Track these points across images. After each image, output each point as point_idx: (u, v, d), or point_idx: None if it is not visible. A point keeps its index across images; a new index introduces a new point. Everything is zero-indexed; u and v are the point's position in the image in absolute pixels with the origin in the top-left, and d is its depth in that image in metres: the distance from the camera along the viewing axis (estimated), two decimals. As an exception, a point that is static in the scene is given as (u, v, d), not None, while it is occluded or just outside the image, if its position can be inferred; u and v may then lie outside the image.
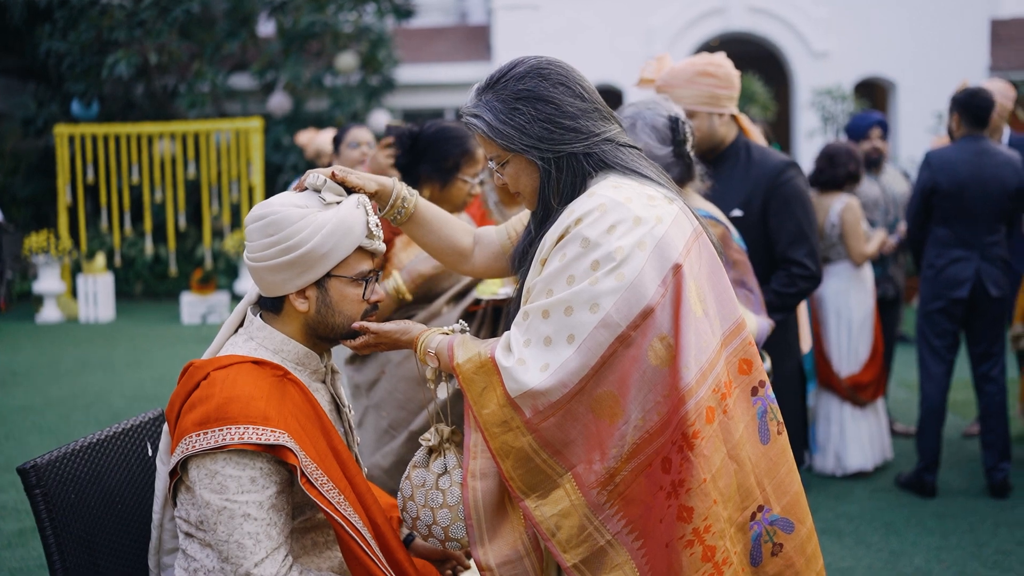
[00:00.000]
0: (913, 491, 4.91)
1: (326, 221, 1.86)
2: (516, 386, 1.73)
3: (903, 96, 15.40)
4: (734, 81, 3.28)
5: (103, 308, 12.75)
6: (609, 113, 1.91)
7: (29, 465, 1.98)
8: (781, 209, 3.30)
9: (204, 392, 1.82)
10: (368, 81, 15.25)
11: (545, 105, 1.82)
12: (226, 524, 1.78)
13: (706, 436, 1.71)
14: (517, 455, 1.75)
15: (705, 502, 1.71)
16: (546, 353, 1.73)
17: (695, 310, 1.74)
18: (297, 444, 1.80)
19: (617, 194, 1.78)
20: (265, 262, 1.87)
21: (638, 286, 1.71)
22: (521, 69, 1.86)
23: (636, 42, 15.85)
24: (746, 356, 1.83)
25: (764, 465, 1.81)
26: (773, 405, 1.85)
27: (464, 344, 1.85)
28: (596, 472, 1.74)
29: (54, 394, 7.86)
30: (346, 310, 1.94)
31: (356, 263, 1.93)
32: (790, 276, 3.31)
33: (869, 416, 5.34)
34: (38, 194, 15.49)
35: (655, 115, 2.83)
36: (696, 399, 1.71)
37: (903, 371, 7.59)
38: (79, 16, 14.11)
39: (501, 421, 1.75)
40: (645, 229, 1.74)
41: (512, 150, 1.85)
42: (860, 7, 15.36)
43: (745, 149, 3.39)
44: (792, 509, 1.83)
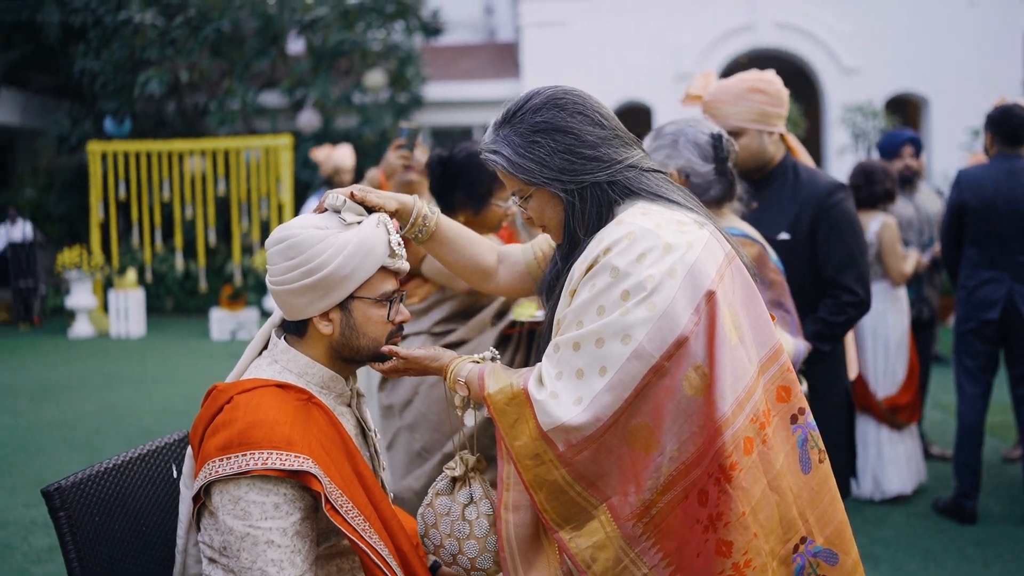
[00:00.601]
0: (952, 517, 4.80)
1: (347, 242, 1.83)
2: (549, 420, 1.69)
3: (936, 112, 15.25)
4: (784, 99, 3.20)
5: (134, 323, 12.83)
6: (631, 138, 1.87)
7: (53, 487, 1.96)
8: (830, 232, 3.19)
9: (227, 416, 1.79)
10: (396, 99, 15.32)
11: (564, 136, 1.79)
12: (249, 551, 1.74)
13: (744, 468, 1.66)
14: (550, 488, 1.72)
15: (745, 536, 1.65)
16: (579, 386, 1.69)
17: (730, 337, 1.69)
18: (321, 469, 1.76)
19: (646, 221, 1.73)
20: (287, 285, 1.84)
21: (670, 315, 1.66)
22: (537, 101, 1.83)
23: (664, 59, 15.82)
24: (784, 383, 1.78)
25: (806, 495, 1.76)
26: (814, 432, 1.79)
27: (495, 374, 1.82)
28: (631, 504, 1.70)
29: (84, 409, 7.90)
30: (371, 332, 1.91)
31: (379, 283, 1.90)
32: (839, 304, 3.18)
33: (906, 439, 5.24)
34: (71, 210, 15.67)
35: (697, 132, 2.79)
36: (733, 429, 1.66)
37: (938, 392, 7.47)
38: (112, 35, 14.28)
39: (534, 454, 1.71)
40: (676, 256, 1.70)
41: (534, 183, 1.82)
42: (890, 22, 15.24)
43: (793, 170, 3.28)
44: (836, 540, 1.77)
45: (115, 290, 12.87)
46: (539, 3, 16.15)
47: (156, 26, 14.19)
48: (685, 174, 2.78)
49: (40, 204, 15.69)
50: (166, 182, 13.51)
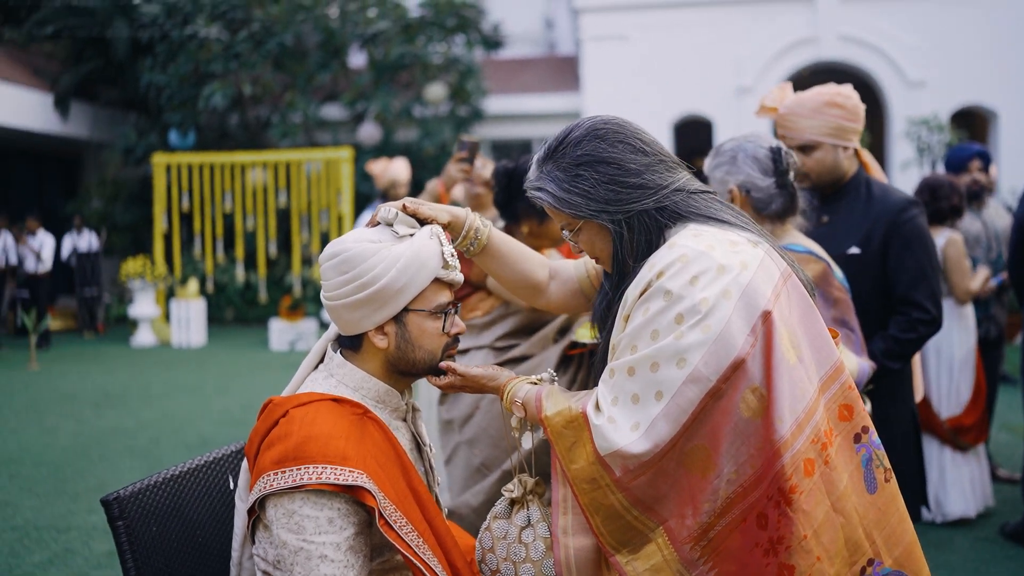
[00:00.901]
0: (1020, 542, 4.66)
1: (400, 255, 1.83)
2: (606, 445, 1.68)
3: (1005, 126, 14.93)
4: (860, 114, 3.16)
5: (195, 333, 13.04)
6: (676, 162, 1.84)
7: (112, 497, 1.98)
8: (902, 249, 3.14)
9: (283, 430, 1.79)
10: (457, 112, 15.41)
11: (607, 167, 1.77)
12: (303, 565, 1.74)
13: (805, 490, 1.63)
14: (607, 512, 1.71)
15: (807, 559, 1.62)
16: (635, 411, 1.68)
17: (788, 358, 1.66)
18: (376, 484, 1.75)
19: (698, 243, 1.71)
20: (342, 300, 1.85)
21: (726, 337, 1.64)
22: (577, 134, 1.82)
23: (725, 72, 15.70)
24: (846, 401, 1.74)
25: (872, 515, 1.72)
26: (879, 451, 1.75)
27: (553, 396, 1.80)
28: (689, 527, 1.68)
29: (145, 417, 8.03)
30: (426, 344, 1.90)
31: (434, 295, 1.89)
32: (910, 321, 3.12)
33: (971, 461, 5.11)
34: (136, 221, 15.99)
35: (756, 147, 2.76)
36: (792, 451, 1.63)
37: (1006, 413, 7.28)
38: (178, 50, 14.58)
39: (590, 478, 1.70)
40: (730, 277, 1.67)
41: (581, 217, 1.81)
42: (956, 35, 14.97)
43: (866, 185, 3.24)
44: (906, 561, 1.73)
45: (177, 300, 13.10)
46: (599, 16, 16.14)
47: (220, 40, 14.45)
48: (746, 189, 2.74)
49: (106, 215, 16.04)
50: (228, 194, 13.72)
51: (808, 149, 3.16)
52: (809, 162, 3.18)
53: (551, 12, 20.11)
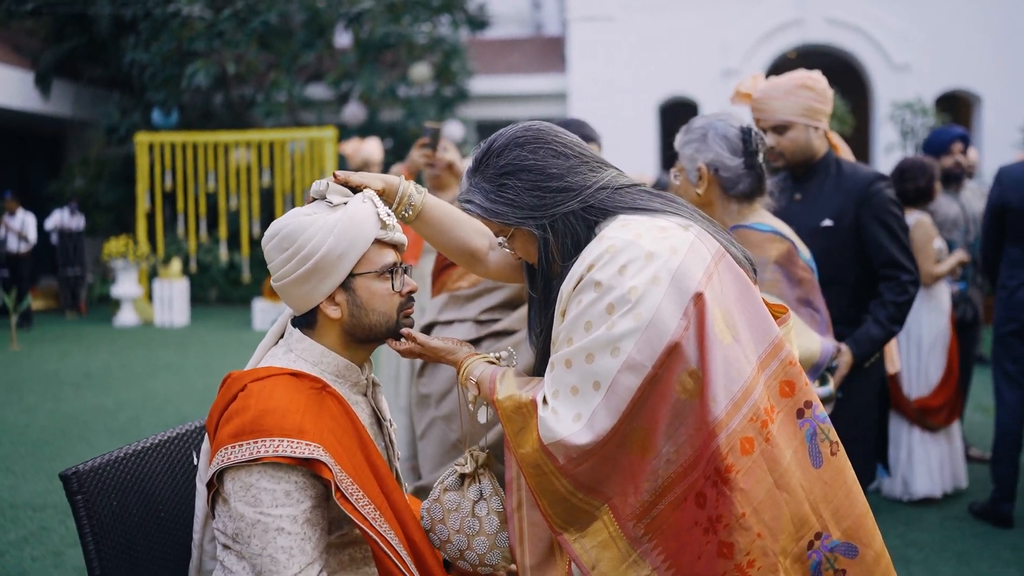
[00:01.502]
0: (988, 520, 4.71)
1: (336, 222, 1.85)
2: (549, 435, 1.71)
3: (988, 110, 14.97)
4: (829, 97, 3.35)
5: (178, 313, 13.01)
6: (599, 162, 1.86)
7: (71, 471, 1.99)
8: (875, 219, 3.33)
9: (240, 404, 1.80)
10: (442, 92, 15.37)
11: (529, 173, 1.80)
12: (260, 537, 1.75)
13: (743, 469, 1.64)
14: (553, 495, 1.75)
15: (747, 537, 1.63)
16: (576, 403, 1.71)
17: (722, 338, 1.68)
18: (332, 458, 1.77)
19: (626, 232, 1.73)
20: (288, 277, 1.87)
21: (657, 323, 1.66)
22: (499, 143, 1.84)
23: (711, 55, 15.69)
24: (787, 377, 1.75)
25: (819, 490, 1.73)
26: (823, 425, 1.76)
27: (506, 379, 1.84)
28: (631, 505, 1.70)
29: (126, 397, 8.02)
30: (379, 307, 1.92)
31: (377, 257, 1.91)
32: (900, 284, 3.32)
33: (940, 441, 5.15)
34: (119, 200, 15.92)
35: (727, 126, 2.77)
36: (728, 431, 1.64)
37: (981, 394, 7.34)
38: (161, 28, 14.48)
39: (535, 464, 1.74)
40: (659, 263, 1.69)
41: (510, 225, 1.83)
42: (942, 19, 14.99)
43: (836, 163, 3.44)
44: (855, 532, 1.74)
45: (160, 280, 13.07)
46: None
47: (204, 18, 14.36)
48: (714, 168, 2.76)
49: (89, 194, 15.96)
50: (212, 173, 13.67)
51: (782, 129, 3.35)
52: (784, 141, 3.36)
53: (538, -8, 20.04)
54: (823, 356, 2.75)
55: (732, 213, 2.82)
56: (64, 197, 15.80)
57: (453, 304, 3.31)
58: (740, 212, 2.82)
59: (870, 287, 3.39)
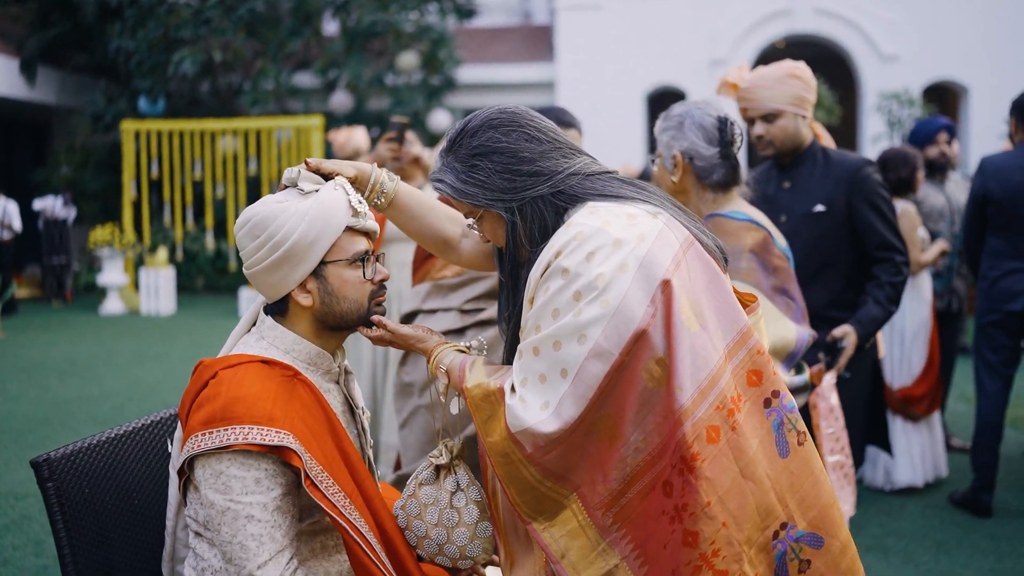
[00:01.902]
0: (967, 510, 4.74)
1: (307, 209, 1.84)
2: (517, 423, 1.70)
3: (976, 101, 15.01)
4: (814, 87, 3.42)
5: (164, 301, 12.97)
6: (572, 148, 1.85)
7: (42, 458, 1.97)
8: (866, 202, 3.38)
9: (211, 391, 1.80)
10: (429, 80, 15.32)
11: (501, 156, 1.79)
12: (230, 525, 1.75)
13: (708, 457, 1.64)
14: (521, 484, 1.74)
15: (712, 526, 1.63)
16: (543, 390, 1.70)
17: (689, 325, 1.67)
18: (303, 446, 1.76)
19: (594, 219, 1.72)
20: (259, 265, 1.86)
21: (624, 310, 1.65)
22: (474, 124, 1.84)
23: (699, 44, 15.68)
24: (755, 366, 1.74)
25: (785, 480, 1.73)
26: (791, 415, 1.75)
27: (476, 367, 1.84)
28: (600, 494, 1.70)
29: (110, 385, 8.00)
30: (350, 294, 1.91)
31: (349, 245, 1.90)
32: (895, 265, 3.38)
33: (922, 430, 5.17)
34: (105, 188, 15.84)
35: (704, 114, 2.77)
36: (693, 419, 1.64)
37: (964, 384, 7.37)
38: (148, 14, 14.39)
39: (503, 452, 1.73)
40: (627, 250, 1.68)
41: (479, 206, 1.83)
42: (930, 9, 15.01)
43: (822, 152, 3.50)
44: (821, 523, 1.74)
45: (146, 268, 13.02)
46: (574, -14, 16.06)
47: (190, 5, 14.28)
48: (689, 157, 2.76)
49: (76, 182, 15.88)
50: (198, 161, 13.62)
51: (772, 118, 3.39)
52: (773, 130, 3.40)
53: (527, -19, 19.99)
54: (798, 344, 2.75)
55: (707, 201, 2.83)
56: (51, 185, 15.71)
57: (437, 293, 3.31)
58: (715, 201, 2.82)
59: (863, 270, 3.43)
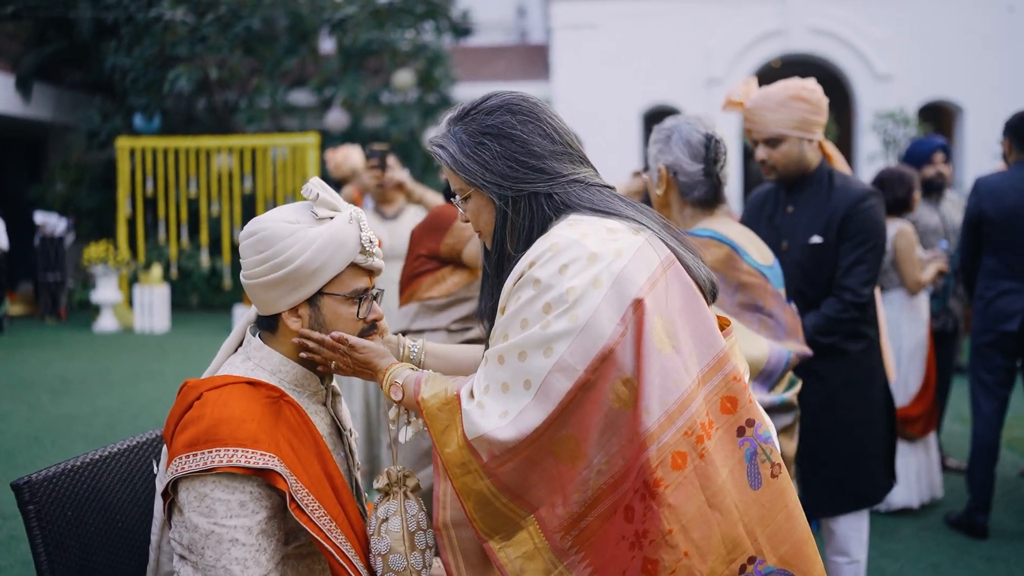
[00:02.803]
0: (963, 531, 4.71)
1: (316, 236, 1.81)
2: (473, 429, 1.67)
3: (970, 121, 15.05)
4: (824, 107, 3.26)
5: (158, 319, 12.93)
6: (582, 157, 1.82)
7: (23, 481, 1.94)
8: (853, 235, 3.27)
9: (196, 413, 1.77)
10: (425, 99, 15.34)
11: (511, 142, 1.75)
12: (214, 548, 1.72)
13: (672, 484, 1.59)
14: (477, 497, 1.70)
15: (672, 555, 1.57)
16: (504, 399, 1.67)
17: (661, 347, 1.62)
18: (288, 468, 1.74)
19: (572, 231, 1.69)
20: (258, 279, 1.83)
21: (593, 327, 1.62)
22: (492, 103, 1.80)
23: (695, 63, 15.73)
24: (730, 393, 1.69)
25: (755, 512, 1.65)
26: (766, 445, 1.69)
27: (432, 380, 1.80)
28: (559, 516, 1.66)
29: (103, 403, 7.95)
30: (340, 329, 1.88)
31: (350, 280, 1.87)
32: (843, 302, 3.25)
33: (919, 451, 5.14)
34: (100, 205, 15.81)
35: (692, 130, 2.76)
36: (658, 444, 1.59)
37: (959, 404, 7.34)
38: (143, 32, 14.39)
39: (460, 462, 1.69)
40: (601, 266, 1.65)
41: (474, 184, 1.79)
42: (925, 29, 15.07)
43: (828, 176, 3.35)
44: (793, 559, 1.66)
45: (140, 285, 12.98)
46: (570, 5, 16.11)
47: (187, 23, 14.29)
48: (673, 171, 2.76)
49: (70, 199, 15.85)
50: (193, 179, 13.60)
51: (774, 142, 3.26)
52: (776, 155, 3.28)
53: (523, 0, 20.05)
54: (773, 362, 2.68)
55: (687, 218, 2.81)
56: (46, 202, 15.68)
57: (424, 314, 3.31)
58: (693, 217, 2.81)
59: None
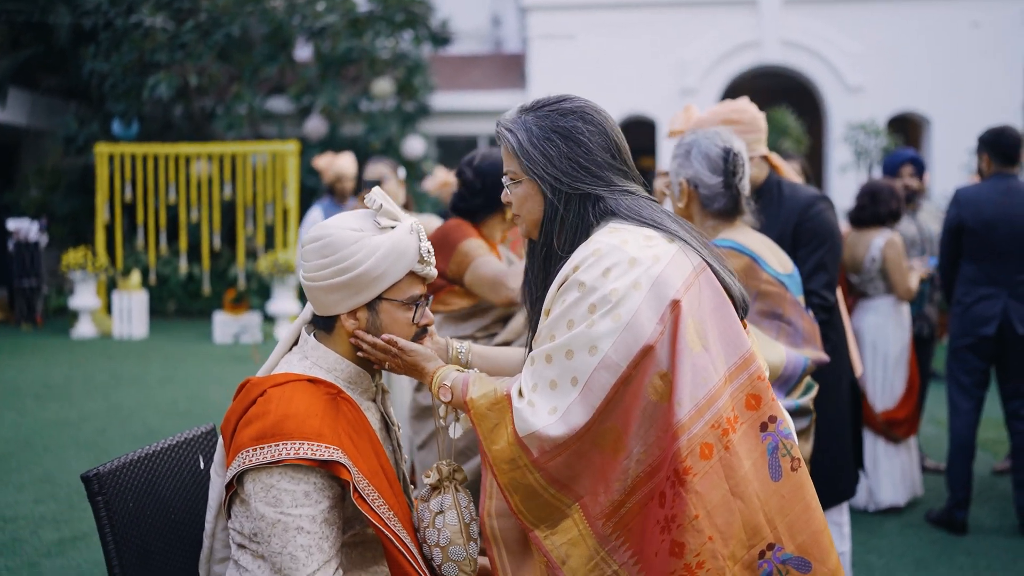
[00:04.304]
0: (944, 528, 4.90)
1: (380, 244, 1.93)
2: (525, 427, 1.80)
3: (937, 132, 15.37)
4: (759, 124, 3.37)
5: (137, 325, 12.91)
6: (637, 178, 1.97)
7: (92, 473, 2.05)
8: (807, 241, 3.38)
9: (261, 408, 1.88)
10: (403, 107, 15.42)
11: (577, 146, 1.88)
12: (280, 536, 1.83)
13: (699, 472, 1.73)
14: (525, 491, 1.83)
15: (698, 539, 1.72)
16: (553, 396, 1.80)
17: (692, 346, 1.78)
18: (350, 460, 1.86)
19: (613, 238, 1.84)
20: (320, 282, 1.94)
21: (634, 326, 1.76)
22: (568, 105, 1.92)
23: (670, 74, 15.93)
24: (754, 391, 1.83)
25: (775, 502, 1.80)
26: (787, 441, 1.83)
27: (479, 381, 1.93)
28: (601, 504, 1.80)
29: (89, 409, 7.97)
30: (396, 333, 2.00)
31: (408, 287, 1.99)
32: (811, 307, 3.35)
33: (902, 452, 5.34)
34: (76, 211, 15.74)
35: (711, 144, 2.88)
36: (689, 435, 1.74)
37: (934, 408, 7.57)
38: (122, 38, 14.39)
39: (510, 459, 1.82)
40: (641, 270, 1.79)
41: (532, 173, 1.91)
42: (894, 43, 15.38)
43: (777, 187, 3.49)
44: (810, 548, 1.80)
45: (118, 291, 12.96)
46: (546, 15, 16.28)
47: (166, 30, 14.30)
48: (694, 184, 2.89)
49: (45, 204, 15.78)
50: (172, 185, 13.61)
51: None
52: None
53: (499, 10, 20.20)
54: (791, 368, 2.81)
55: (708, 229, 2.94)
56: (19, 207, 15.60)
57: (448, 323, 3.44)
58: (715, 228, 2.94)
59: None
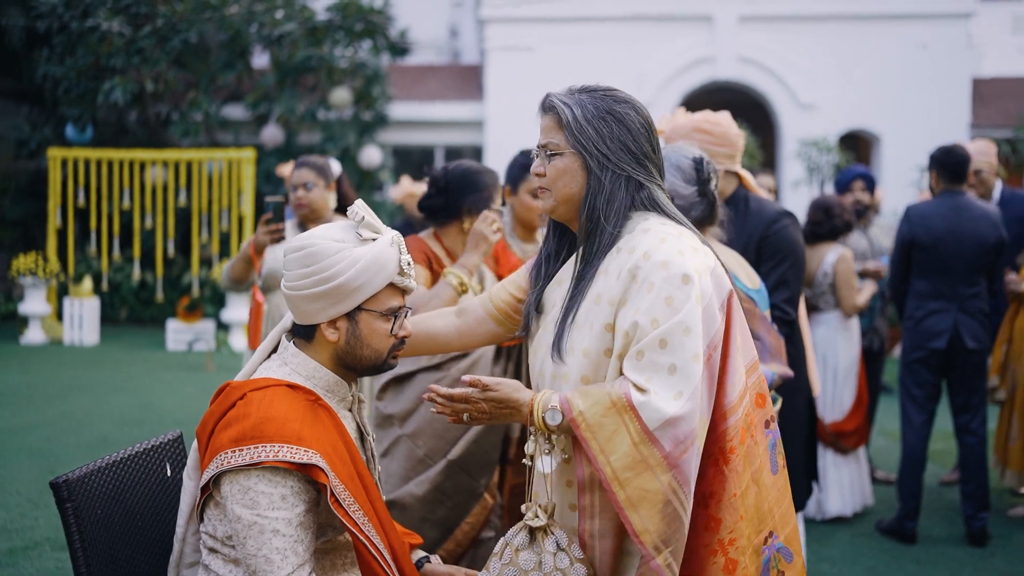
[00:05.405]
0: (894, 537, 5.01)
1: (361, 256, 1.96)
2: (657, 416, 1.73)
3: (887, 150, 15.69)
4: (731, 139, 3.39)
5: (88, 331, 12.75)
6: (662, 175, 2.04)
7: (61, 480, 2.05)
8: (770, 256, 3.42)
9: (240, 411, 1.91)
10: (361, 116, 15.40)
11: (626, 131, 1.94)
12: (255, 539, 1.85)
13: (739, 454, 1.85)
14: (652, 501, 1.73)
15: (733, 516, 1.82)
16: (674, 381, 1.76)
17: (736, 339, 1.89)
18: (328, 465, 1.88)
19: (668, 230, 1.91)
20: (301, 291, 1.97)
21: (711, 309, 1.84)
22: (621, 95, 2.00)
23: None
24: (761, 391, 1.96)
25: (774, 494, 1.93)
26: (779, 440, 1.99)
27: (582, 394, 1.82)
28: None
29: (39, 416, 7.85)
30: (374, 343, 2.03)
31: (387, 299, 2.03)
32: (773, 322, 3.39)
33: (851, 463, 5.45)
34: (27, 216, 15.49)
35: (680, 156, 2.95)
36: (736, 417, 1.84)
37: (885, 420, 7.72)
38: (77, 42, 14.21)
39: (636, 462, 1.73)
40: (702, 257, 1.88)
41: (579, 147, 1.93)
42: (846, 62, 15.67)
43: (744, 201, 3.51)
44: (791, 540, 1.95)
45: (70, 298, 12.79)
46: (504, 27, 16.37)
47: (123, 35, 14.15)
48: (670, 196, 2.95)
49: (-8, 208, 15.54)
50: (126, 191, 13.46)
51: None
52: None
53: (457, 21, 20.27)
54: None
55: None
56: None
57: None
58: None
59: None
